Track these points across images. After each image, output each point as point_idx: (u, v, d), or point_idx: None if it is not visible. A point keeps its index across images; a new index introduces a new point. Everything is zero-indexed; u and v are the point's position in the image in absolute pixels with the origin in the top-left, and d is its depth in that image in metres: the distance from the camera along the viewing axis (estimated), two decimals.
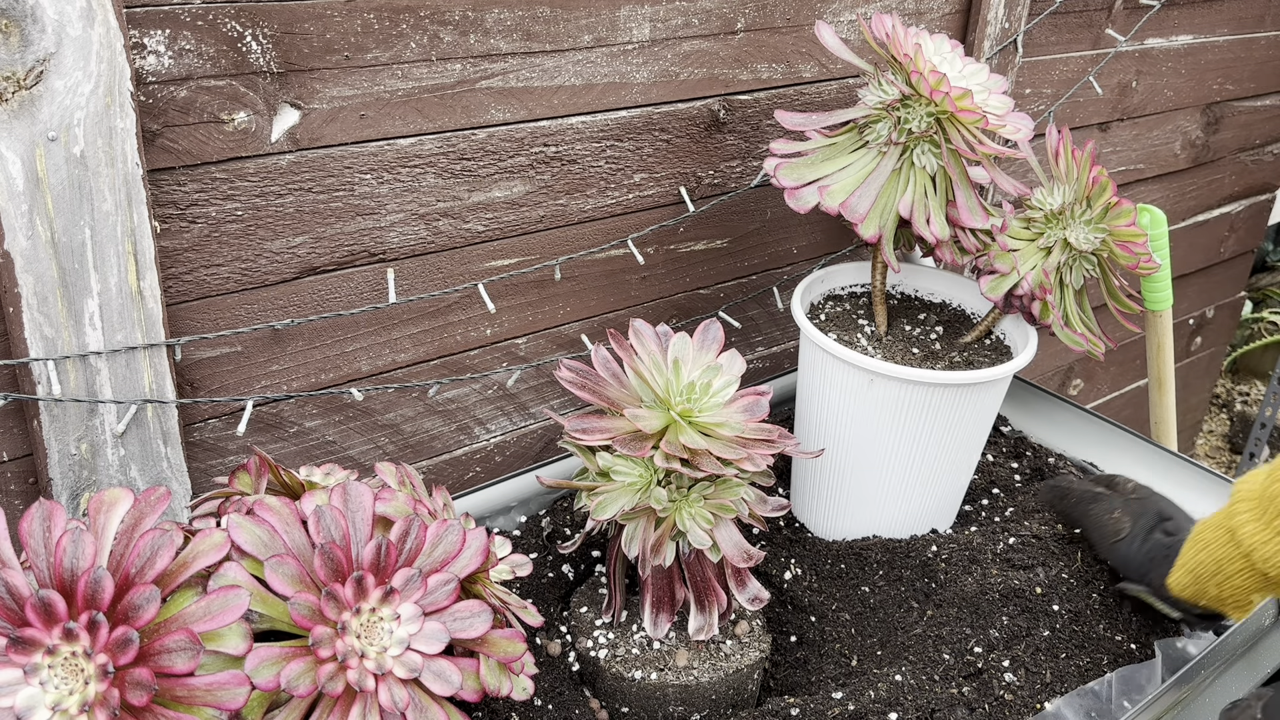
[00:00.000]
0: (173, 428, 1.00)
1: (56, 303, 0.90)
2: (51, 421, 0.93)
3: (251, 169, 0.99)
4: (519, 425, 1.33)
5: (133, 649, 0.68)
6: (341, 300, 1.10)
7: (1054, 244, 1.19)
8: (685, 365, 1.04)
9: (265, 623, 0.76)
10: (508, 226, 1.19)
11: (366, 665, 0.77)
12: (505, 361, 1.27)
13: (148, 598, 0.70)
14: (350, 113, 1.02)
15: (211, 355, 1.04)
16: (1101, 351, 1.22)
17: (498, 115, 1.12)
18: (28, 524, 0.71)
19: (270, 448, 1.12)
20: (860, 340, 1.23)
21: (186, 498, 1.03)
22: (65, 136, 0.85)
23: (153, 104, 0.91)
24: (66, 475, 0.96)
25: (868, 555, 1.18)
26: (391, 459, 1.21)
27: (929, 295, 1.36)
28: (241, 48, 0.94)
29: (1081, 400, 2.26)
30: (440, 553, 0.83)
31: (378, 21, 1.00)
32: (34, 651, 0.68)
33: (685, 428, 1.00)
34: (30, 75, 0.82)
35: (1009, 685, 1.01)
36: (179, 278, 0.99)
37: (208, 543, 0.74)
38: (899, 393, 1.13)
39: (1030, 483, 1.34)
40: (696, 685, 1.02)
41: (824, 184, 1.14)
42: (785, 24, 1.30)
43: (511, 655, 0.85)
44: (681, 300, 1.41)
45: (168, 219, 0.96)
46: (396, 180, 1.08)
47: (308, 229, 1.05)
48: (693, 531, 1.00)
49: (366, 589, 0.78)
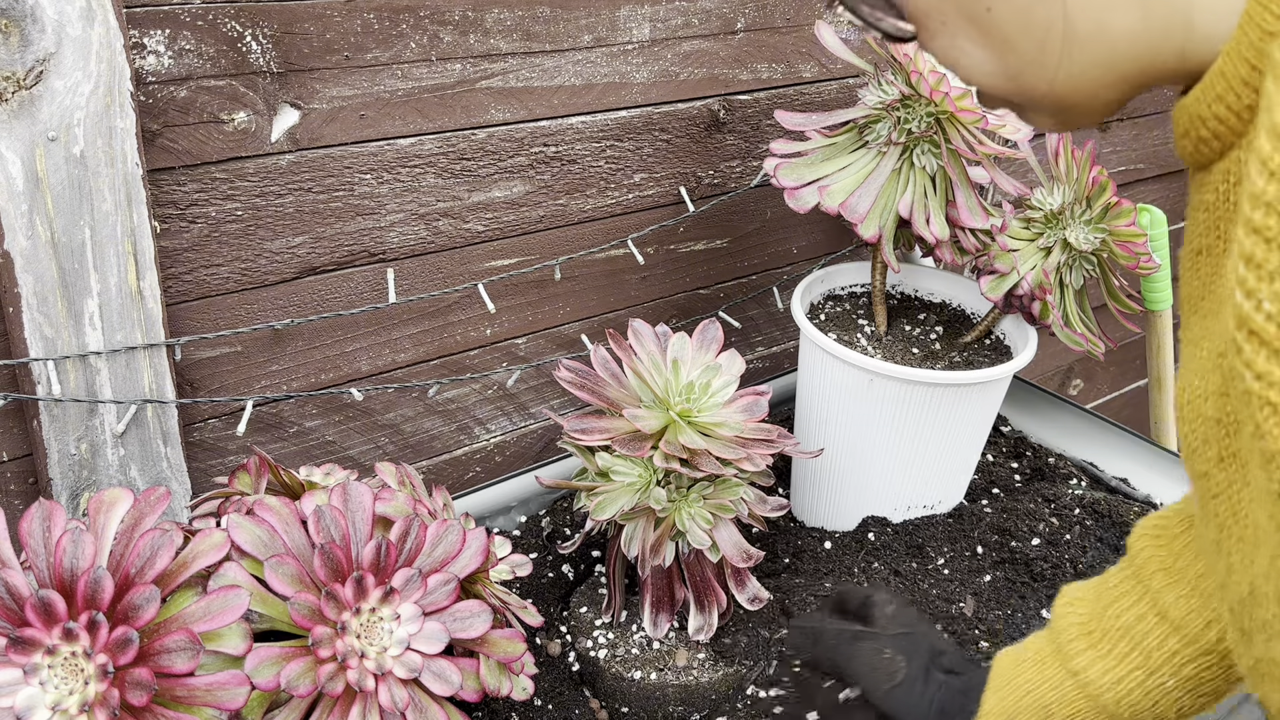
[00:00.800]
0: (172, 428, 1.00)
1: (56, 303, 0.90)
2: (51, 421, 0.93)
3: (251, 169, 0.99)
4: (519, 425, 1.33)
5: (133, 649, 0.68)
6: (341, 300, 1.10)
7: (1054, 244, 1.19)
8: (684, 365, 1.04)
9: (265, 623, 0.76)
10: (508, 226, 1.19)
11: (366, 665, 0.77)
12: (505, 361, 1.27)
13: (148, 598, 0.70)
14: (350, 113, 1.02)
15: (211, 355, 1.04)
16: (1101, 351, 1.22)
17: (498, 115, 1.12)
18: (27, 524, 0.71)
19: (270, 448, 1.12)
20: (860, 340, 1.23)
21: (186, 498, 1.03)
22: (65, 136, 0.85)
23: (153, 104, 0.91)
24: (66, 475, 0.96)
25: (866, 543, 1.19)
26: (391, 459, 1.21)
27: (929, 295, 1.36)
28: (241, 48, 0.94)
29: (1081, 400, 2.26)
30: (440, 553, 0.83)
31: (378, 21, 1.00)
32: (34, 651, 0.68)
33: (684, 428, 1.00)
34: (30, 75, 0.82)
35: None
36: (179, 278, 0.99)
37: (208, 543, 0.74)
38: (899, 392, 1.13)
39: (1030, 483, 1.34)
40: (696, 685, 1.02)
41: (824, 184, 1.14)
42: (785, 24, 1.30)
43: (511, 655, 0.85)
44: (681, 300, 1.41)
45: (167, 219, 0.96)
46: (396, 180, 1.08)
47: (307, 229, 1.05)
48: (692, 531, 1.00)
49: (366, 589, 0.78)
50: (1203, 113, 0.48)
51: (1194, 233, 0.53)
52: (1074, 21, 0.50)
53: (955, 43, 0.55)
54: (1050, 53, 0.51)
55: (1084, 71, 0.52)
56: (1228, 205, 0.50)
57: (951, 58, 0.56)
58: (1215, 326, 0.50)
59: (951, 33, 0.54)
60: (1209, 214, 0.51)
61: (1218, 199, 0.50)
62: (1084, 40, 0.50)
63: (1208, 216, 0.51)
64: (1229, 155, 0.49)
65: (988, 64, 0.55)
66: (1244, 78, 0.45)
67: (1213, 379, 0.48)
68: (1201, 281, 0.52)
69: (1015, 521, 1.24)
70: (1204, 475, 0.50)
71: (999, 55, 0.54)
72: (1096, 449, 1.39)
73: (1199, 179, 0.52)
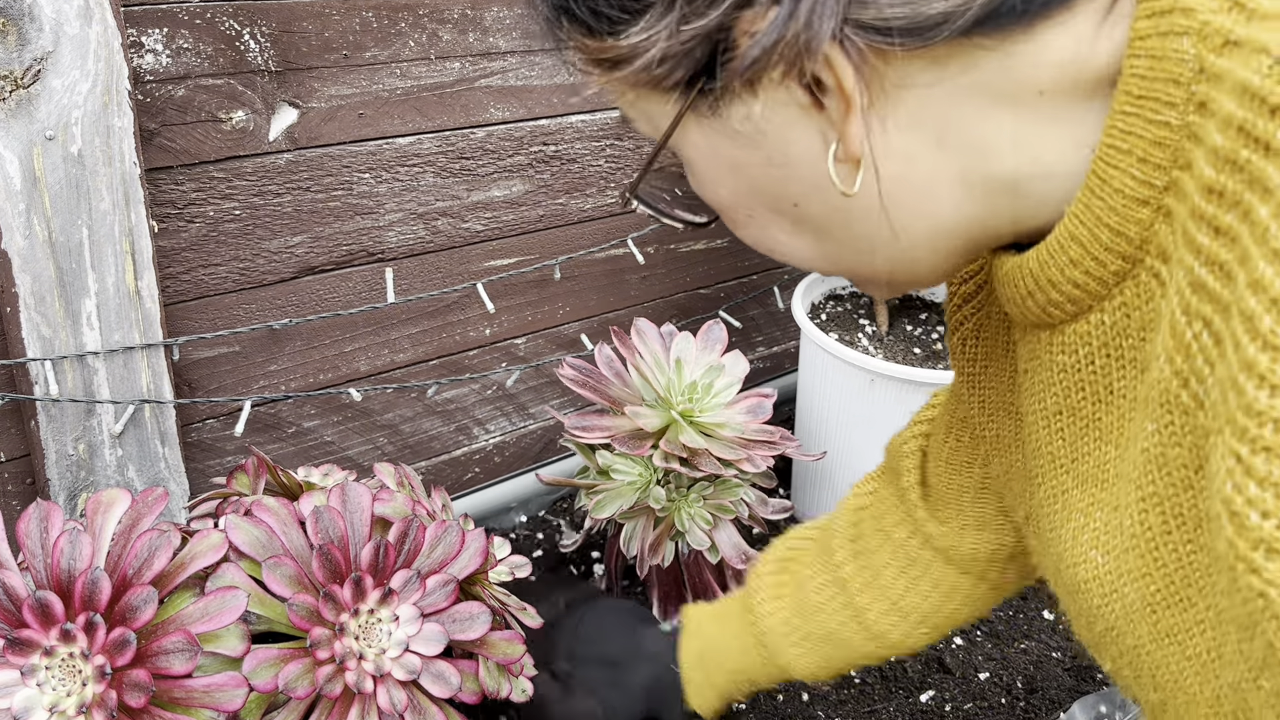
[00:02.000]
0: (170, 428, 1.00)
1: (54, 302, 0.89)
2: (49, 422, 0.93)
3: (249, 168, 0.99)
4: (518, 425, 1.32)
5: (130, 650, 0.68)
6: (340, 300, 1.10)
7: None
8: (688, 365, 1.03)
9: (263, 624, 0.76)
10: (507, 226, 1.19)
11: (365, 667, 0.77)
12: (504, 361, 1.26)
13: (145, 599, 0.69)
14: (349, 111, 1.02)
15: (209, 355, 1.04)
16: None
17: (497, 114, 1.12)
18: (25, 525, 0.71)
19: (268, 448, 1.12)
20: (861, 340, 1.23)
21: (184, 498, 1.03)
22: (63, 135, 0.85)
23: (150, 103, 0.91)
24: (64, 475, 0.95)
25: None
26: (390, 459, 1.21)
27: (930, 295, 1.36)
28: (239, 46, 0.93)
29: None
30: (439, 554, 0.82)
31: (376, 20, 1.00)
32: (31, 653, 0.68)
33: (685, 427, 0.99)
34: (28, 74, 0.82)
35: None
36: (177, 277, 0.99)
37: (205, 544, 0.74)
38: (900, 392, 1.12)
39: None
40: None
41: None
42: None
43: (511, 657, 0.85)
44: (682, 300, 1.40)
45: (165, 218, 0.96)
46: (395, 179, 1.08)
47: (306, 228, 1.05)
48: (691, 532, 0.99)
49: (365, 590, 0.78)
50: (1054, 277, 0.46)
51: (1045, 392, 0.51)
52: (892, 210, 0.46)
53: (767, 232, 0.51)
54: (870, 240, 0.48)
55: (909, 252, 0.49)
56: (1095, 369, 0.47)
57: (766, 245, 0.52)
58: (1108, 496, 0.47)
59: (761, 224, 0.51)
60: (1070, 375, 0.49)
61: (1080, 362, 0.48)
62: (906, 227, 0.47)
63: (1068, 378, 0.49)
64: (1086, 319, 0.47)
65: (804, 250, 0.51)
66: (1106, 244, 0.43)
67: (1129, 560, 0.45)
68: (1068, 443, 0.50)
69: None
70: (1133, 649, 0.47)
71: (815, 243, 0.50)
72: None
73: (1045, 338, 0.50)
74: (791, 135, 0.45)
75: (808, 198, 0.47)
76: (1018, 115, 0.43)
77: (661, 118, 0.48)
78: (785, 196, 0.48)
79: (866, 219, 0.47)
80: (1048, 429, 0.52)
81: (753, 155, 0.47)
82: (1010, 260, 0.49)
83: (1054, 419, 0.51)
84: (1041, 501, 0.53)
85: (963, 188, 0.46)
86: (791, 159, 0.46)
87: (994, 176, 0.45)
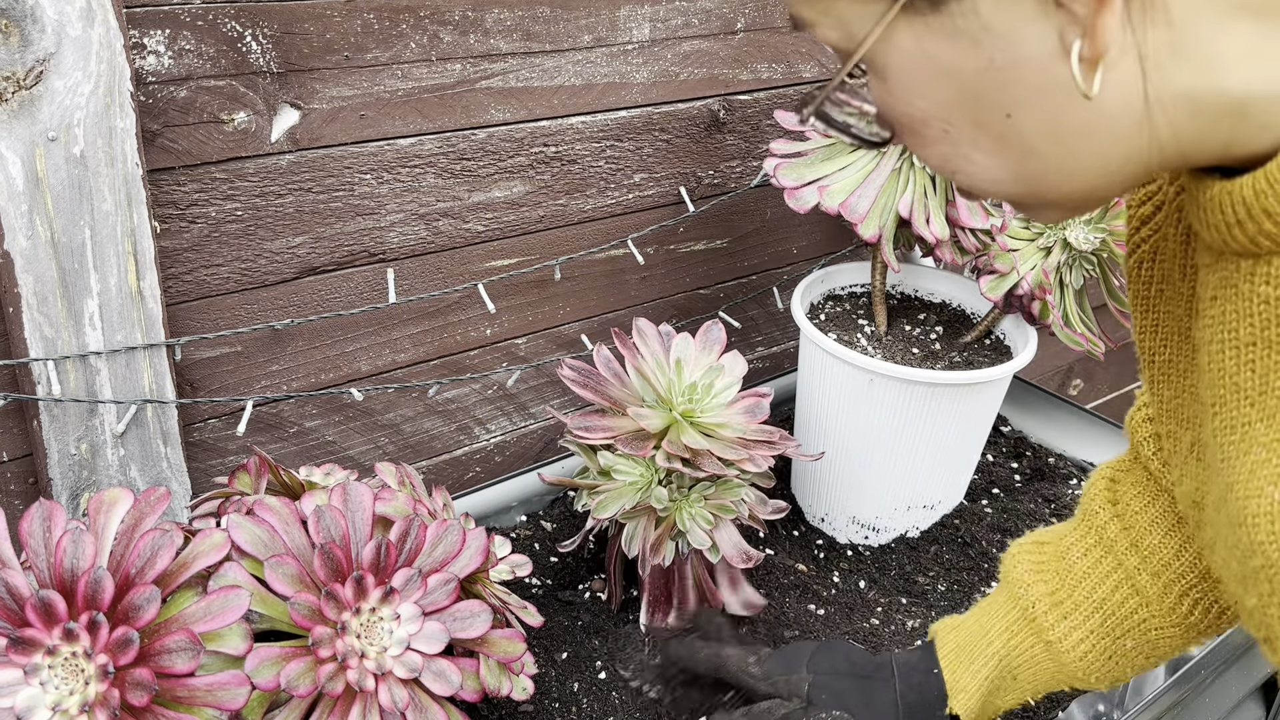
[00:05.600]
0: (172, 428, 1.00)
1: (56, 303, 0.89)
2: (51, 421, 0.93)
3: (251, 169, 0.99)
4: (519, 425, 1.33)
5: (133, 649, 0.68)
6: (341, 300, 1.10)
7: (1054, 244, 1.19)
8: (688, 366, 1.04)
9: (265, 623, 0.76)
10: (508, 226, 1.19)
11: (366, 665, 0.77)
12: (505, 361, 1.27)
13: (148, 598, 0.70)
14: (350, 113, 1.02)
15: (211, 355, 1.04)
16: (1101, 351, 1.22)
17: (498, 115, 1.12)
18: (28, 524, 0.71)
19: (270, 448, 1.12)
20: (860, 340, 1.23)
21: (186, 498, 1.03)
22: (65, 136, 0.85)
23: (153, 104, 0.91)
24: (66, 475, 0.96)
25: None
26: (391, 459, 1.21)
27: (929, 295, 1.36)
28: (241, 48, 0.94)
29: (1081, 400, 2.26)
30: (440, 553, 0.83)
31: (378, 21, 1.00)
32: (34, 652, 0.68)
33: (687, 428, 1.00)
34: (30, 75, 0.82)
35: None
36: (179, 278, 0.99)
37: (208, 543, 0.74)
38: (899, 392, 1.13)
39: (1030, 483, 1.34)
40: None
41: (824, 184, 1.14)
42: (785, 24, 1.30)
43: (511, 655, 0.85)
44: (681, 300, 1.41)
45: (167, 219, 0.96)
46: (396, 180, 1.08)
47: (307, 229, 1.05)
48: (692, 531, 1.00)
49: (366, 589, 0.78)
50: (1269, 207, 0.44)
51: (1239, 322, 0.49)
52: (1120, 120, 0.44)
53: (959, 149, 0.48)
54: (1083, 155, 0.46)
55: (1115, 168, 0.46)
56: None
57: (951, 165, 0.50)
58: None
59: (954, 141, 0.48)
60: (1272, 307, 0.47)
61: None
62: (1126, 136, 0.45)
63: (1269, 310, 0.47)
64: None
65: (998, 170, 0.48)
66: None
67: None
68: (1258, 375, 0.48)
69: (1015, 521, 1.24)
70: None
71: (1016, 161, 0.48)
72: (1096, 449, 1.39)
73: (1246, 266, 0.48)
74: (1024, 33, 0.42)
75: (1028, 104, 0.45)
76: (1258, 28, 0.41)
77: (860, 22, 0.45)
78: (999, 105, 0.45)
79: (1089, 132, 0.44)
80: (1236, 359, 0.49)
81: (972, 58, 0.44)
82: (1218, 185, 0.47)
83: (1245, 350, 0.49)
84: (1216, 430, 0.51)
85: (1187, 102, 0.43)
86: (1019, 60, 0.43)
87: (1224, 93, 0.42)
